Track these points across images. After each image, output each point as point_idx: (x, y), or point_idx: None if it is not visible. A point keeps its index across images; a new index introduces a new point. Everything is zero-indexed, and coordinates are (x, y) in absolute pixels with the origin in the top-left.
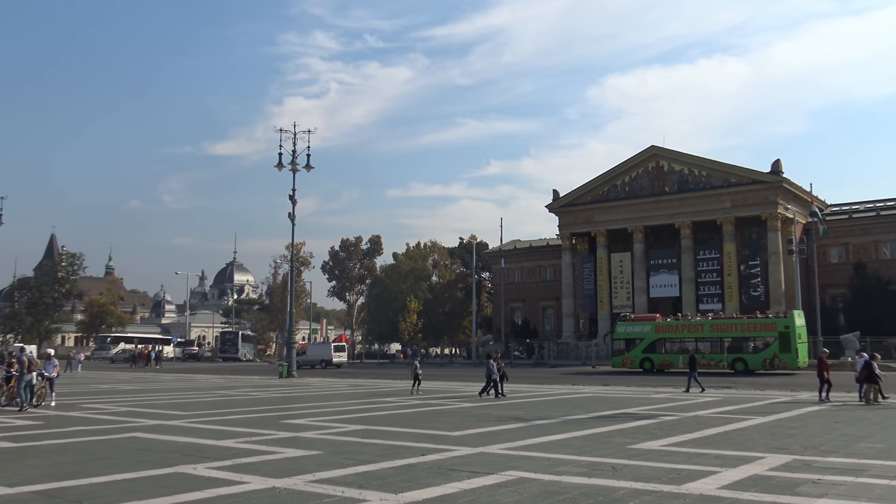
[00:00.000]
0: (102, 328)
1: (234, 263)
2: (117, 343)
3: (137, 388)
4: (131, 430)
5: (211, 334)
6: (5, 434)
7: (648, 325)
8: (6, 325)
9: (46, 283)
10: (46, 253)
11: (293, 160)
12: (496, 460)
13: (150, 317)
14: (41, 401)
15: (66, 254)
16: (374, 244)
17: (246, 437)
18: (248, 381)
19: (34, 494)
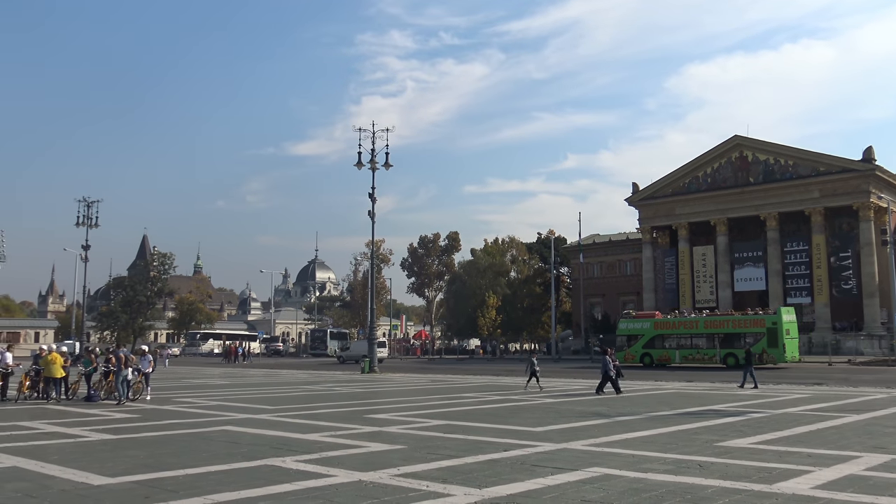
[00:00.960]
0: (192, 325)
1: (315, 261)
2: (206, 339)
3: (226, 383)
4: (222, 424)
5: (294, 331)
6: (106, 426)
7: (648, 322)
8: (103, 323)
9: (140, 282)
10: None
11: (372, 159)
12: (580, 456)
13: (236, 314)
14: (137, 395)
15: (157, 254)
16: (452, 240)
17: (331, 432)
18: (332, 377)
19: (134, 484)
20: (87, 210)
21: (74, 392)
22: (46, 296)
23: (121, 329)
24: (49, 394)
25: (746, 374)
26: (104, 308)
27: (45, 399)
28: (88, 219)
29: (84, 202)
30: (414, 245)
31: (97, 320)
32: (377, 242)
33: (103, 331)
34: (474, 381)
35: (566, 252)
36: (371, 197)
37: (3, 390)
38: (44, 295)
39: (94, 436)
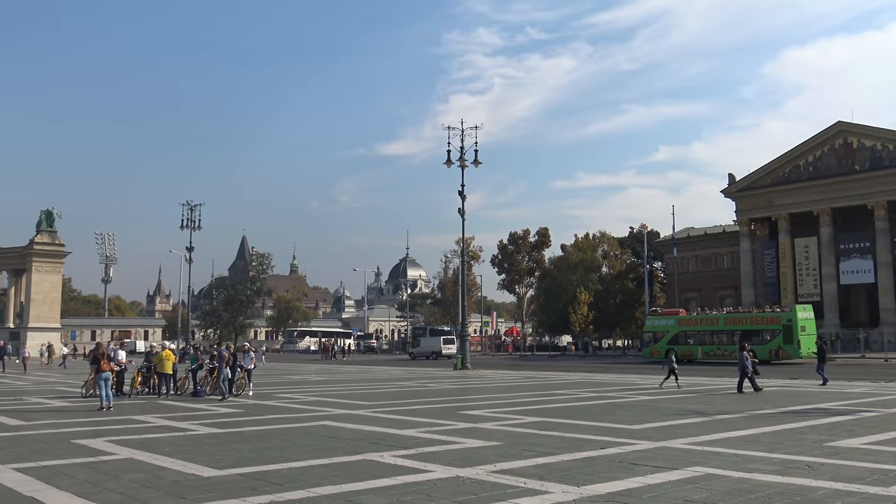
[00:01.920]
0: (289, 323)
1: (406, 259)
2: (303, 337)
3: (323, 379)
4: (322, 419)
5: (387, 328)
6: (212, 421)
7: (672, 319)
8: (207, 321)
9: (240, 281)
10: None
11: (461, 156)
12: (680, 455)
13: (331, 312)
14: (240, 391)
15: (256, 254)
16: (542, 236)
17: (427, 427)
18: (425, 373)
19: (241, 476)
20: (190, 213)
21: (182, 388)
22: (154, 296)
23: (223, 327)
24: (160, 389)
25: (821, 370)
26: (207, 307)
27: (156, 394)
28: (192, 222)
29: (187, 206)
30: (504, 241)
31: (201, 319)
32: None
33: (207, 329)
34: (567, 377)
35: (659, 246)
36: (461, 194)
37: (118, 386)
38: (151, 295)
39: (201, 430)
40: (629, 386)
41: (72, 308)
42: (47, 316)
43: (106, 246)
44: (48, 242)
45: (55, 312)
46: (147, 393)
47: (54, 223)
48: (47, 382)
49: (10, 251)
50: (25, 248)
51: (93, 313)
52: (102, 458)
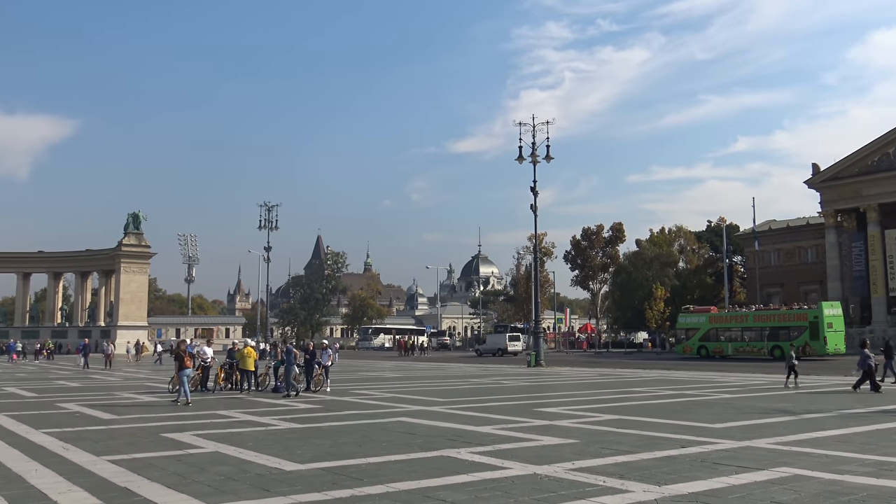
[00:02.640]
0: (364, 320)
1: (478, 256)
2: (378, 334)
3: (398, 375)
4: (398, 415)
5: (460, 325)
6: (292, 416)
7: (704, 317)
8: (284, 319)
9: (316, 280)
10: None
11: (533, 152)
12: (765, 455)
13: (404, 309)
14: (318, 387)
15: (331, 253)
16: (616, 231)
17: (503, 424)
18: (498, 370)
19: (321, 470)
20: (267, 214)
21: (263, 384)
22: (234, 294)
23: (300, 325)
24: (242, 385)
25: (887, 369)
26: (285, 305)
27: (239, 390)
28: (269, 222)
29: (265, 207)
30: (577, 237)
31: (279, 317)
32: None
33: (284, 326)
34: (644, 375)
35: (739, 240)
36: (533, 190)
37: (203, 382)
38: (232, 294)
39: (282, 424)
40: (709, 383)
41: (157, 307)
42: (135, 314)
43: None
44: (135, 244)
45: (142, 311)
46: (230, 389)
47: (140, 226)
48: (136, 378)
49: (100, 253)
50: (114, 250)
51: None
52: (189, 452)
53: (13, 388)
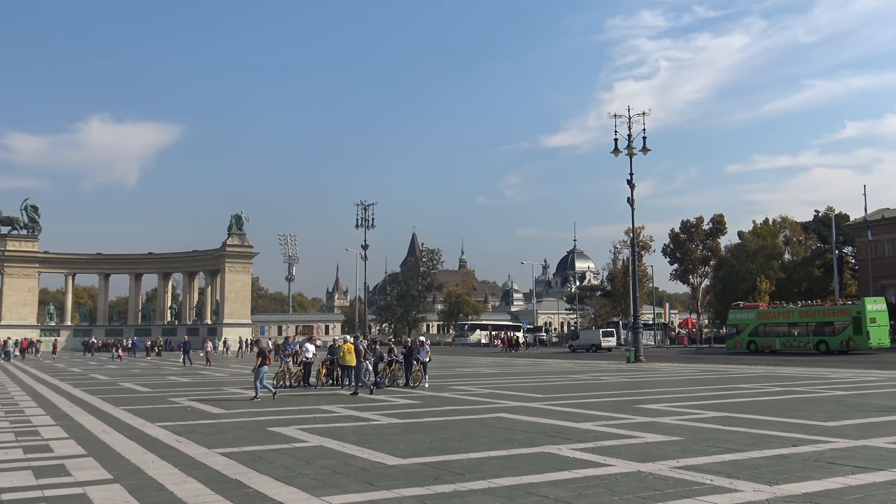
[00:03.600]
0: (459, 316)
1: (574, 251)
2: (474, 330)
3: (495, 371)
4: (496, 411)
5: (556, 320)
6: (392, 411)
7: (752, 313)
8: (382, 316)
9: (412, 277)
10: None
11: (629, 144)
12: (885, 455)
13: (499, 305)
14: (417, 383)
15: (426, 250)
16: (717, 223)
17: (603, 421)
18: (596, 366)
19: (423, 465)
20: (364, 213)
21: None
22: (333, 292)
23: (396, 321)
24: (343, 381)
25: None
26: (382, 302)
27: (340, 385)
28: (366, 221)
29: (361, 206)
30: (675, 230)
31: (376, 313)
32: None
33: (382, 323)
34: (748, 370)
35: (849, 230)
36: (629, 183)
37: (306, 377)
38: (330, 292)
39: (383, 420)
40: (819, 380)
41: (260, 305)
42: (239, 312)
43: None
44: (238, 245)
45: (246, 309)
46: (331, 384)
47: (243, 227)
48: (242, 374)
49: (206, 253)
50: (219, 251)
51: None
52: (295, 445)
53: (129, 383)
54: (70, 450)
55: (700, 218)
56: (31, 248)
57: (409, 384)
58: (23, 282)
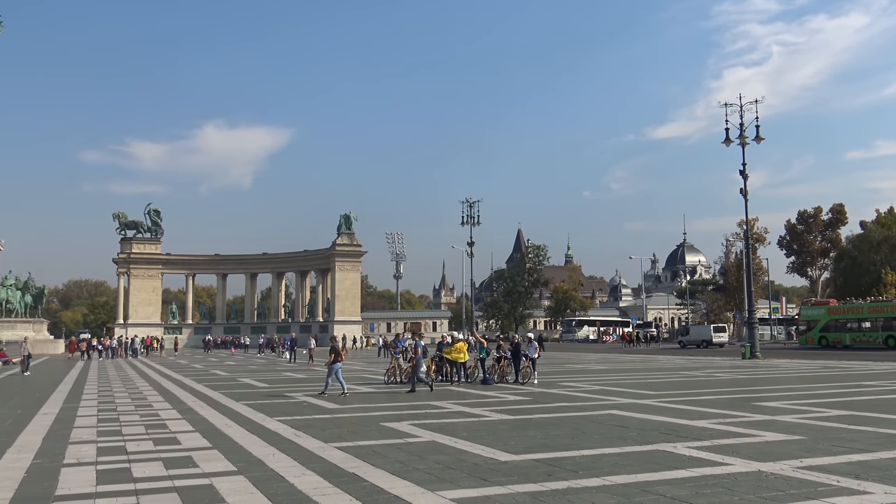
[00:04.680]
0: (567, 313)
1: (684, 245)
2: (581, 326)
3: (604, 368)
4: (608, 408)
5: (666, 316)
6: (502, 407)
7: (823, 309)
8: (488, 312)
9: (518, 273)
10: (515, 246)
11: (741, 133)
12: None
13: (607, 301)
14: (526, 379)
15: (531, 246)
16: (837, 213)
17: (719, 419)
18: (710, 362)
19: (535, 462)
20: (469, 210)
21: (472, 376)
22: (439, 289)
23: (503, 318)
24: (452, 377)
25: None
26: (488, 299)
27: (449, 382)
28: (471, 218)
29: (467, 203)
30: (792, 221)
31: (483, 310)
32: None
33: (488, 320)
34: (874, 367)
35: None
36: (742, 174)
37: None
38: (437, 289)
39: (493, 416)
40: None
41: (369, 303)
42: (350, 310)
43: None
44: (347, 244)
45: (356, 307)
46: (440, 381)
47: (352, 226)
48: (353, 370)
49: (317, 253)
50: (329, 250)
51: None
52: (408, 440)
53: (247, 378)
54: (196, 442)
55: (818, 208)
56: (154, 250)
57: (519, 381)
58: (147, 282)
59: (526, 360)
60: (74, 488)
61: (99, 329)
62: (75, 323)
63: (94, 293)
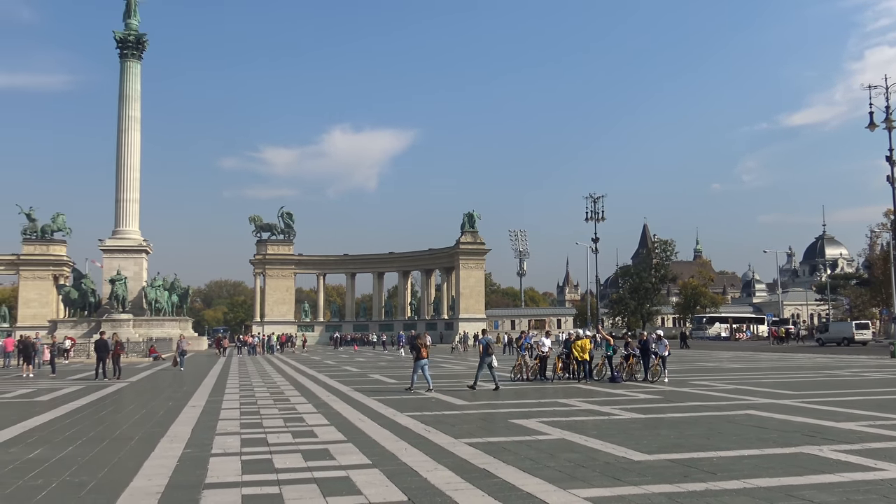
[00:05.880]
0: (696, 309)
1: (823, 237)
2: (712, 323)
3: (738, 366)
4: (744, 408)
5: (805, 312)
6: (632, 406)
7: None
8: (614, 309)
9: (644, 269)
10: (641, 242)
11: (887, 117)
12: None
13: (739, 297)
14: (656, 377)
15: (658, 241)
16: None
17: (868, 421)
18: (853, 360)
19: (670, 462)
20: (593, 205)
21: (599, 373)
22: (563, 286)
23: (630, 315)
24: (579, 374)
25: None
26: (614, 295)
27: (576, 379)
28: (595, 213)
29: (591, 198)
30: None
31: (608, 307)
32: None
33: (614, 317)
34: None
35: None
36: (889, 160)
37: (542, 371)
38: (561, 286)
39: (623, 414)
40: None
41: (493, 300)
42: (474, 308)
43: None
44: (471, 242)
45: (480, 304)
46: (567, 378)
47: (475, 224)
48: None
49: (441, 251)
50: (453, 248)
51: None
52: (538, 438)
53: (377, 374)
54: (332, 436)
55: None
56: (287, 251)
57: (648, 378)
58: (281, 282)
59: (656, 357)
60: (222, 477)
61: (238, 327)
62: (216, 321)
63: (232, 292)
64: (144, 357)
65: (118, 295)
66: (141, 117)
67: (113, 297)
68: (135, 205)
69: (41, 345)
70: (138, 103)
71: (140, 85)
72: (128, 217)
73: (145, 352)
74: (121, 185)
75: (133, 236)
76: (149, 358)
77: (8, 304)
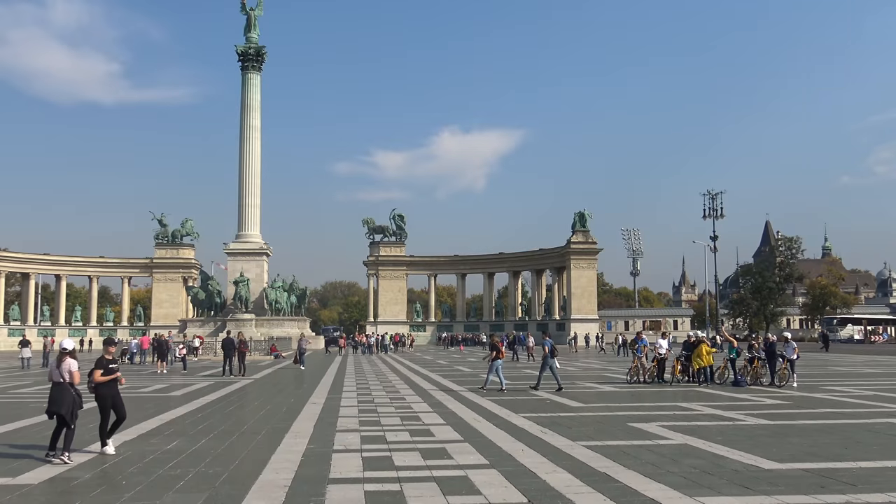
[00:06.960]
0: (826, 310)
1: None
2: (844, 325)
3: (875, 371)
4: (885, 416)
5: None
6: (759, 411)
7: None
8: (734, 310)
9: (767, 268)
10: (763, 239)
11: None
12: None
13: (874, 297)
14: (784, 381)
15: (782, 238)
16: None
17: None
18: None
19: (804, 472)
20: (711, 202)
21: (721, 377)
22: (679, 286)
23: (752, 316)
24: (699, 377)
25: None
26: (734, 296)
27: (696, 382)
28: (714, 210)
29: (709, 195)
30: None
31: (728, 308)
32: None
33: (735, 318)
34: None
35: None
36: None
37: (660, 373)
38: (677, 285)
39: (749, 420)
40: None
41: (605, 300)
42: (586, 308)
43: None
44: (582, 241)
45: (592, 305)
46: (686, 381)
47: (587, 223)
48: (593, 369)
49: (551, 251)
50: (564, 248)
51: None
52: (658, 442)
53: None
54: (448, 435)
55: None
56: (399, 252)
57: (775, 383)
58: (393, 283)
59: (783, 361)
60: (345, 472)
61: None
62: (332, 321)
63: (347, 293)
64: (266, 355)
65: (241, 296)
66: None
67: (237, 298)
68: (256, 210)
69: (174, 343)
70: (258, 113)
71: (260, 95)
72: (250, 221)
73: (266, 350)
74: (243, 191)
75: (255, 240)
76: (270, 356)
77: (143, 305)
